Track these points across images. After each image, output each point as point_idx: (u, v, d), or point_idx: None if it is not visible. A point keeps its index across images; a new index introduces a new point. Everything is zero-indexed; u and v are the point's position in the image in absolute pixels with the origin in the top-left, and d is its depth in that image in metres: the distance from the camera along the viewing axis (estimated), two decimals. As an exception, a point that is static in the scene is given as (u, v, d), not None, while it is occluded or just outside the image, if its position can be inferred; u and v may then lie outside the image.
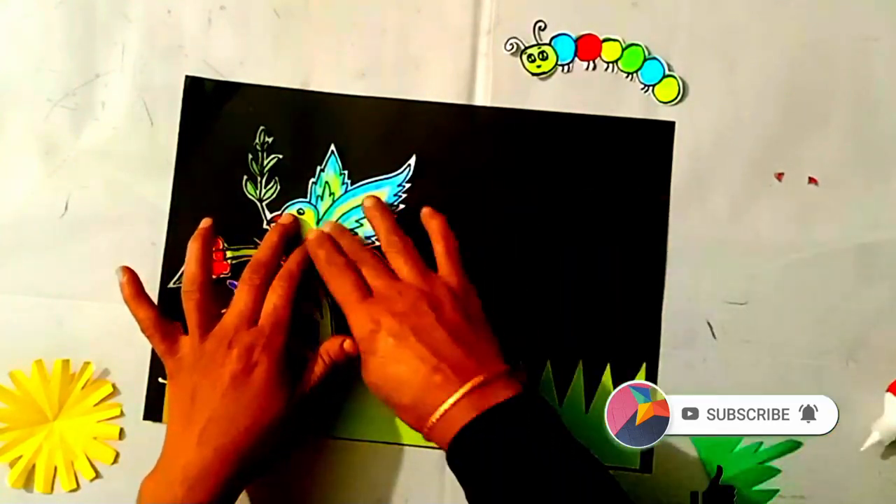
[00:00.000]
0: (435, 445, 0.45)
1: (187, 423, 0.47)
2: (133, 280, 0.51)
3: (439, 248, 0.51)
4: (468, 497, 0.44)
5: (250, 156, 0.54)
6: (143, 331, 0.50)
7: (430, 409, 0.44)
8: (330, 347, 0.50)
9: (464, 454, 0.44)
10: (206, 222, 0.52)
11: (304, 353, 0.51)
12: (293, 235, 0.53)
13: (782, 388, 0.52)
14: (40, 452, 0.53)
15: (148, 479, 0.47)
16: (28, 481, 0.53)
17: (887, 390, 0.51)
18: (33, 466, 0.53)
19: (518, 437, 0.43)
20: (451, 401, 0.44)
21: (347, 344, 0.50)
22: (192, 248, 0.51)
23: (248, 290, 0.50)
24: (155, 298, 0.52)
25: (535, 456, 0.42)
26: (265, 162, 0.54)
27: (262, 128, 0.54)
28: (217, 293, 0.51)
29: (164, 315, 0.50)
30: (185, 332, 0.50)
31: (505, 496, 0.42)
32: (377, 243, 0.54)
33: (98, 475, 0.53)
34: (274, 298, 0.50)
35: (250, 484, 0.50)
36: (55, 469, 0.53)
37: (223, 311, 0.51)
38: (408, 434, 0.53)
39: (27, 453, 0.53)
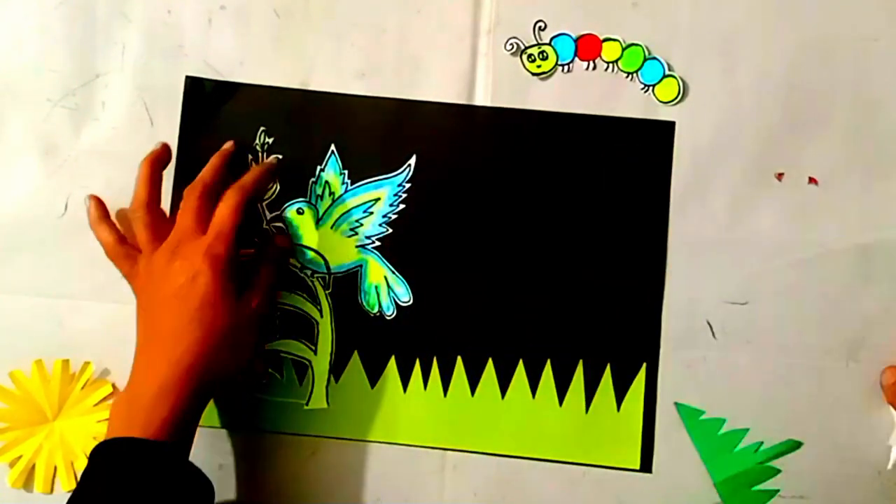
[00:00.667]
0: (436, 445, 0.45)
1: (147, 342, 0.48)
2: (98, 205, 0.52)
3: None
4: None
5: (250, 156, 0.54)
6: (106, 254, 0.51)
7: None
8: (270, 250, 0.52)
9: None
10: (160, 145, 0.53)
11: (253, 263, 0.52)
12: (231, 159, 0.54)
13: (782, 388, 0.53)
14: (40, 452, 0.53)
15: (115, 400, 0.48)
16: (28, 481, 0.53)
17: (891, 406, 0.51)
18: (33, 466, 0.53)
19: None
20: None
21: (280, 241, 0.53)
22: (142, 169, 0.51)
23: (188, 208, 0.50)
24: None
25: None
26: (265, 162, 0.54)
27: (262, 128, 0.54)
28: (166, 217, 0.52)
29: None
30: None
31: None
32: (377, 243, 0.54)
33: (98, 475, 0.53)
34: (222, 208, 0.50)
35: (215, 396, 0.50)
36: (55, 469, 0.53)
37: None
38: (408, 434, 0.53)
39: (27, 453, 0.53)
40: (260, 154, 0.54)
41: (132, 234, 0.51)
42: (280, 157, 0.54)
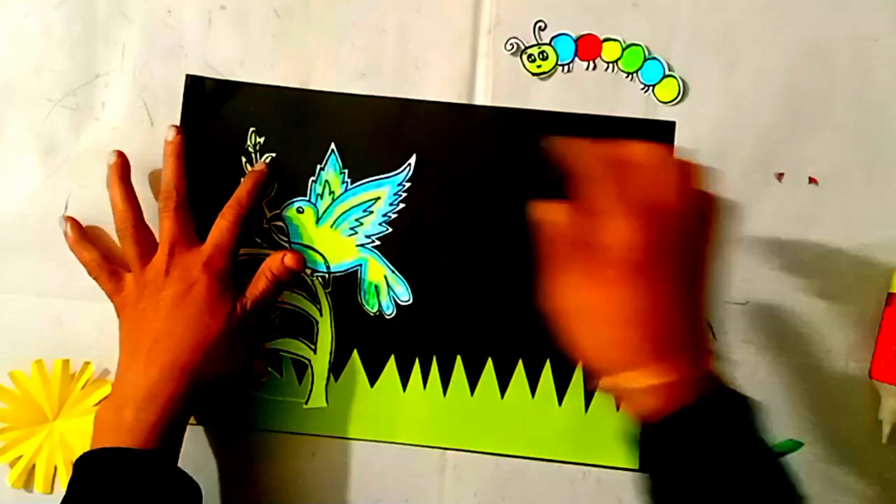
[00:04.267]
0: (436, 444, 0.45)
1: (135, 351, 0.49)
2: (76, 227, 0.53)
3: None
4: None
5: (251, 155, 0.54)
6: (89, 273, 0.52)
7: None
8: (272, 264, 0.51)
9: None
10: (113, 157, 0.52)
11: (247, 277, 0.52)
12: (181, 152, 0.53)
13: (782, 388, 0.52)
14: (40, 452, 0.53)
15: (100, 408, 0.48)
16: (28, 481, 0.53)
17: (871, 377, 0.51)
18: (33, 466, 0.53)
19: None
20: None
21: (288, 259, 0.51)
22: (113, 189, 0.52)
23: (167, 216, 0.51)
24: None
25: None
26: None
27: (262, 126, 0.54)
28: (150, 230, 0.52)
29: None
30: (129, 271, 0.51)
31: None
32: (377, 243, 0.54)
33: (98, 475, 0.53)
34: (221, 223, 0.51)
35: (201, 401, 0.50)
36: (55, 469, 0.53)
37: None
38: (407, 433, 0.53)
39: (27, 453, 0.53)
40: (253, 155, 0.54)
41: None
42: (272, 155, 0.54)
